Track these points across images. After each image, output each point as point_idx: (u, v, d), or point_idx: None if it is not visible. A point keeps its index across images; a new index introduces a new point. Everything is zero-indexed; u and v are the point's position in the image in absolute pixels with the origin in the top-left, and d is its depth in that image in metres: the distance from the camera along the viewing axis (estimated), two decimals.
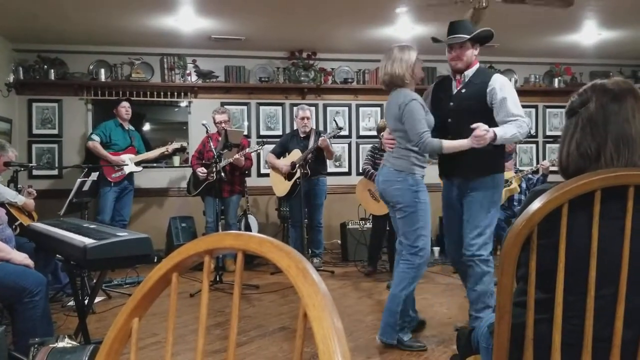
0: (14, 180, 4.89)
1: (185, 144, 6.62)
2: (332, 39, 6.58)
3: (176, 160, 6.92)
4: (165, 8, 5.29)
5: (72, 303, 3.96)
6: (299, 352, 0.74)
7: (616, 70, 7.69)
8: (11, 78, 6.35)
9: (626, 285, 1.28)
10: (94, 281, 3.87)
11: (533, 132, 7.62)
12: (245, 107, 7.12)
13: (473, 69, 3.27)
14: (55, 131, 6.67)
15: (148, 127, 7.47)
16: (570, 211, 1.27)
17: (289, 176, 5.76)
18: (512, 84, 7.38)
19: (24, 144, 6.58)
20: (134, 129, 6.21)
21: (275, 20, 5.78)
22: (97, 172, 5.19)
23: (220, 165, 5.20)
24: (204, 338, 0.85)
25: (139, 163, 6.01)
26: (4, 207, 3.98)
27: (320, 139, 5.55)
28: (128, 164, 5.89)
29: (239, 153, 5.53)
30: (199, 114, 6.56)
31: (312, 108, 6.70)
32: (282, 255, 0.76)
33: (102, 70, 6.64)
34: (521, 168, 6.38)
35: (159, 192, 6.86)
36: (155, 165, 6.70)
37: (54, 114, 6.67)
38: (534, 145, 7.83)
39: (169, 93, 6.85)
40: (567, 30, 6.29)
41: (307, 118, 5.83)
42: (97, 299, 4.20)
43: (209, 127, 5.35)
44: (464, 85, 3.27)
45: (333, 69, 7.25)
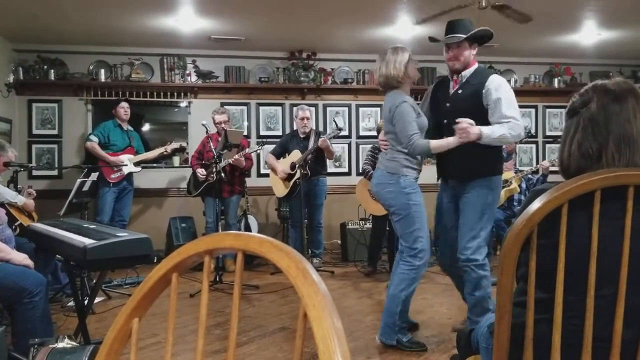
0: (13, 180, 4.89)
1: (185, 144, 6.62)
2: (332, 39, 6.58)
3: (176, 160, 6.92)
4: (165, 8, 5.29)
5: (72, 303, 3.95)
6: (299, 352, 0.74)
7: (616, 70, 7.69)
8: (11, 78, 6.35)
9: (626, 285, 1.28)
10: (94, 281, 3.87)
11: (533, 132, 7.62)
12: (245, 108, 7.12)
13: (471, 69, 3.24)
14: (55, 131, 6.67)
15: (148, 127, 7.47)
16: (570, 211, 1.27)
17: (288, 177, 5.76)
18: (512, 84, 7.43)
19: (23, 145, 6.58)
20: (132, 129, 6.21)
21: (275, 20, 5.78)
22: (97, 173, 5.19)
23: (220, 166, 5.20)
24: (203, 338, 0.85)
25: (138, 163, 6.01)
26: (4, 207, 3.98)
27: (320, 139, 5.55)
28: (127, 165, 5.89)
29: (239, 153, 5.53)
30: (199, 114, 6.56)
31: (312, 108, 6.70)
32: (282, 256, 0.76)
33: (102, 71, 6.64)
34: (521, 168, 6.38)
35: (159, 193, 6.86)
36: (155, 165, 6.71)
37: (54, 114, 6.67)
38: (533, 146, 7.83)
39: (169, 93, 6.85)
40: (566, 30, 6.29)
41: (306, 118, 5.83)
42: (97, 300, 4.20)
43: (208, 128, 5.35)
44: (461, 86, 3.25)
45: (333, 69, 7.26)
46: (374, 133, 6.59)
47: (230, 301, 4.08)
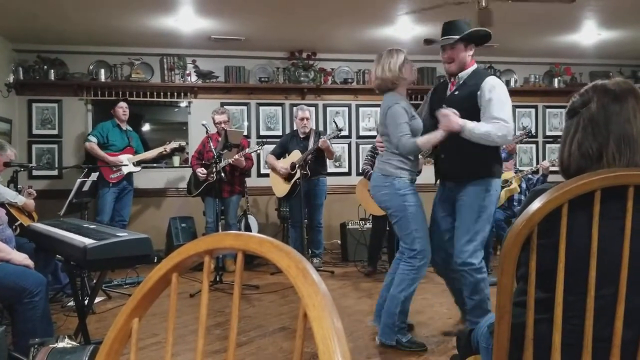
0: (14, 180, 4.89)
1: (184, 143, 6.62)
2: (332, 39, 6.58)
3: (176, 160, 6.93)
4: (165, 8, 5.29)
5: (72, 303, 3.95)
6: (299, 352, 0.74)
7: (616, 70, 7.69)
8: (11, 78, 6.35)
9: (626, 285, 1.28)
10: (94, 281, 3.87)
11: (533, 132, 7.61)
12: (245, 108, 7.12)
13: (468, 70, 3.22)
14: (55, 131, 6.67)
15: (148, 127, 7.47)
16: (570, 211, 1.27)
17: (288, 177, 5.76)
18: (512, 84, 7.43)
19: (24, 145, 6.58)
20: (131, 129, 6.20)
21: (275, 20, 5.78)
22: (97, 173, 5.19)
23: (220, 166, 5.20)
24: (204, 338, 0.85)
25: (138, 163, 6.01)
26: (4, 207, 3.98)
27: (320, 140, 5.55)
28: (127, 165, 5.89)
29: (239, 153, 5.53)
30: (199, 114, 6.56)
31: (312, 108, 6.70)
32: (282, 256, 0.76)
33: (102, 71, 6.64)
34: (521, 168, 6.38)
35: (159, 193, 6.86)
36: (155, 165, 6.71)
37: (54, 115, 6.67)
38: (533, 146, 7.82)
39: (169, 93, 6.85)
40: (566, 30, 6.29)
41: (306, 119, 5.84)
42: (97, 300, 4.20)
43: (208, 128, 5.35)
44: (458, 87, 3.23)
45: (333, 69, 7.25)
46: (374, 133, 6.58)
47: (230, 301, 4.08)
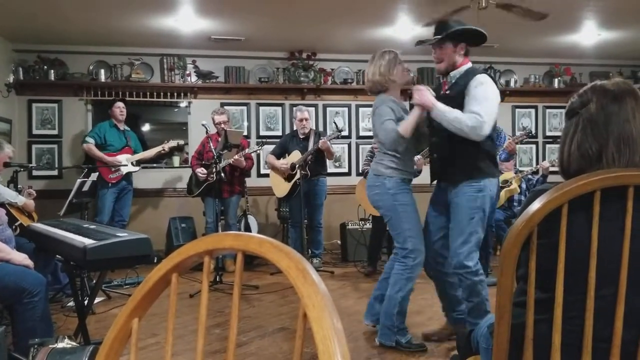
0: (13, 180, 4.89)
1: (183, 142, 6.62)
2: (332, 39, 6.58)
3: (176, 160, 6.93)
4: (165, 8, 5.29)
5: (71, 304, 3.96)
6: (299, 352, 0.74)
7: (616, 70, 7.69)
8: (11, 78, 6.36)
9: (626, 286, 1.28)
10: (94, 282, 3.87)
11: (533, 133, 7.61)
12: (245, 108, 7.12)
13: (461, 69, 3.16)
14: (55, 132, 6.68)
15: (147, 127, 7.47)
16: (570, 211, 1.27)
17: (288, 177, 5.76)
18: (512, 84, 7.43)
19: (23, 145, 6.58)
20: (129, 129, 6.19)
21: (275, 20, 5.78)
22: (97, 173, 5.19)
23: (220, 166, 5.20)
24: (203, 338, 0.85)
25: (137, 163, 6.00)
26: (4, 207, 3.98)
27: (320, 140, 5.55)
28: (126, 165, 5.88)
29: (239, 154, 5.53)
30: (199, 115, 6.56)
31: (311, 109, 6.71)
32: (282, 256, 0.76)
33: (102, 71, 6.64)
34: (521, 169, 6.37)
35: (159, 193, 6.86)
36: (155, 165, 6.71)
37: (54, 115, 6.67)
38: (533, 146, 7.82)
39: (169, 93, 6.85)
40: (566, 30, 6.29)
41: (305, 119, 5.84)
42: (97, 300, 4.20)
43: (208, 128, 5.36)
44: (449, 87, 3.20)
45: (333, 69, 7.25)
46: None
47: (230, 301, 4.08)
